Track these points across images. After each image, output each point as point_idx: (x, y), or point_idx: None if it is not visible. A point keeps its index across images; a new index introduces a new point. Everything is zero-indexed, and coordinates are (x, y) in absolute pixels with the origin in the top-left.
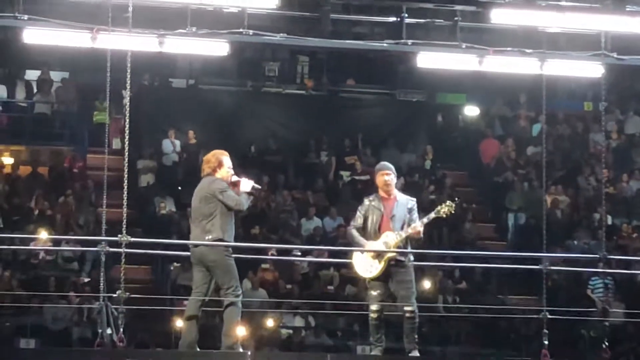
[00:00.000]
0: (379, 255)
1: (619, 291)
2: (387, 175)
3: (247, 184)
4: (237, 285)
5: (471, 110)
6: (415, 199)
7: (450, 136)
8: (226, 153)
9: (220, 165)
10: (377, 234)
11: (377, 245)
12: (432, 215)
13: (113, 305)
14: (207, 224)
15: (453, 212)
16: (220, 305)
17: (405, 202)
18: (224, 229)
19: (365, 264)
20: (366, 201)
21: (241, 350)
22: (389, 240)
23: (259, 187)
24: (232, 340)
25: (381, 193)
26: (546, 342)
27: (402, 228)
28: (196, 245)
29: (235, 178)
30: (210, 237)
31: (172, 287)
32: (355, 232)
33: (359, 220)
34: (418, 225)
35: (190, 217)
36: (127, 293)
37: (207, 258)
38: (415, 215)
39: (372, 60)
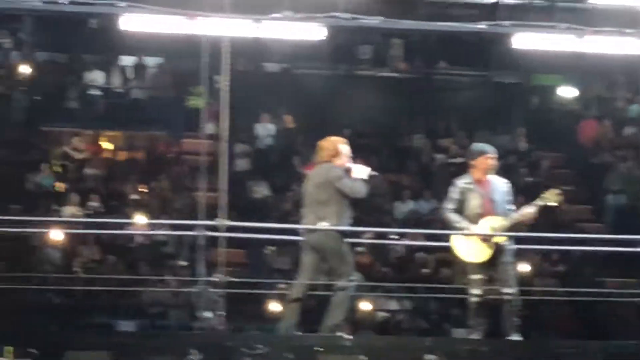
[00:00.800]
0: (485, 239)
1: None
2: (492, 159)
3: (362, 171)
4: (351, 272)
5: (567, 92)
6: (507, 181)
7: (546, 118)
8: (344, 140)
9: (338, 154)
10: (478, 217)
11: (484, 229)
12: (539, 202)
13: (212, 289)
14: (322, 210)
15: (558, 201)
16: (322, 289)
17: (501, 185)
18: (340, 216)
19: (470, 248)
20: (460, 183)
21: (342, 334)
22: (494, 224)
23: (376, 174)
24: (334, 321)
25: (476, 175)
26: None
27: (503, 212)
28: (312, 232)
29: (351, 165)
30: (324, 223)
31: (268, 271)
32: (454, 215)
33: (455, 203)
34: (531, 211)
35: (289, 203)
36: (227, 276)
37: (323, 245)
38: (509, 197)
39: (465, 42)
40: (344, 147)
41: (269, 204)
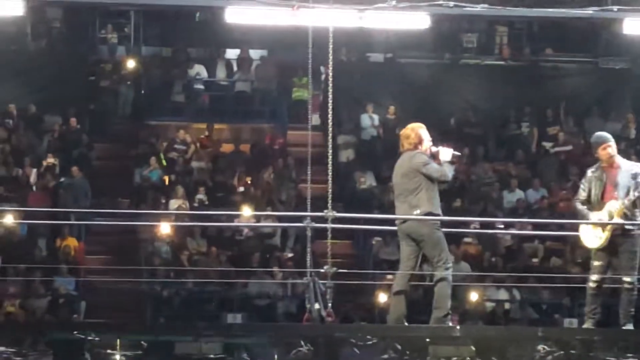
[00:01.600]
0: (601, 224)
1: None
2: (609, 147)
3: (447, 153)
4: (447, 258)
5: None
6: (639, 164)
7: None
8: (423, 126)
9: (421, 141)
10: (600, 203)
11: (601, 214)
12: None
13: (320, 281)
14: (414, 198)
15: None
16: (426, 279)
17: (629, 168)
18: (432, 201)
19: (590, 235)
20: (588, 172)
21: (451, 324)
22: (612, 208)
23: (459, 154)
24: (443, 312)
25: (603, 163)
26: None
27: (626, 195)
28: (404, 221)
29: (434, 149)
30: (419, 211)
31: (374, 262)
32: (579, 205)
33: (582, 193)
34: None
35: (393, 193)
36: (335, 268)
37: (417, 232)
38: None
39: (572, 28)
40: (425, 133)
41: (375, 194)
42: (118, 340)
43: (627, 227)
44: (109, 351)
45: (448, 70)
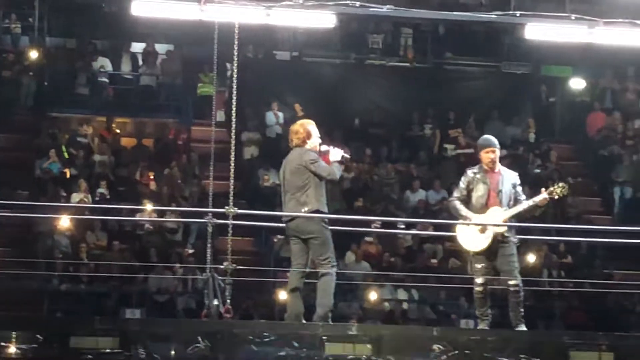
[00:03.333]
0: (485, 230)
1: None
2: (492, 152)
3: (336, 153)
4: (332, 257)
5: (577, 83)
6: (517, 174)
7: (556, 109)
8: (312, 122)
9: (309, 136)
10: (483, 208)
11: (485, 219)
12: (546, 195)
13: (219, 277)
14: (302, 195)
15: (566, 194)
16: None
17: (510, 177)
18: (319, 199)
19: (470, 237)
20: (470, 173)
21: (331, 322)
22: (497, 215)
23: (348, 156)
24: (325, 310)
25: (485, 167)
26: None
27: (508, 204)
28: (292, 218)
29: (324, 147)
30: (306, 208)
31: (275, 260)
32: (459, 204)
33: (462, 192)
34: (536, 202)
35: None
36: (234, 265)
37: (305, 230)
38: (519, 189)
39: (476, 32)
40: (314, 129)
41: (279, 191)
42: (13, 333)
43: (506, 233)
44: (3, 344)
45: (354, 70)
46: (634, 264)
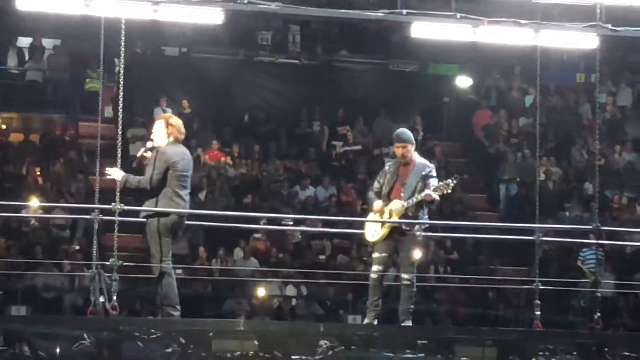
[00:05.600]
0: (382, 220)
1: (609, 262)
2: (402, 147)
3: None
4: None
5: (464, 81)
6: (433, 165)
7: (442, 107)
8: (168, 117)
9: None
10: (386, 199)
11: (380, 213)
12: (429, 192)
13: (105, 273)
14: None
15: (450, 191)
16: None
17: (421, 168)
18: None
19: (370, 228)
20: (385, 165)
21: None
22: (394, 208)
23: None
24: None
25: (400, 159)
26: (538, 313)
27: (411, 196)
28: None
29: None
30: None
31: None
32: (370, 195)
33: (375, 184)
34: (431, 193)
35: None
36: (120, 261)
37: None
38: (432, 180)
39: (365, 30)
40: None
41: None
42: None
43: (405, 227)
44: None
45: (243, 66)
46: (517, 260)
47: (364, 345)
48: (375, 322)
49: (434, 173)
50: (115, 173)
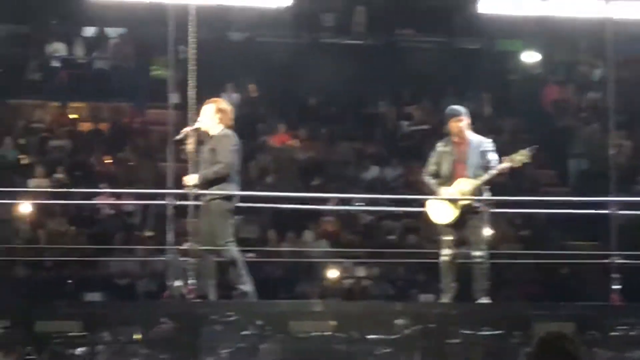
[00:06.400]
0: (452, 202)
1: None
2: (460, 121)
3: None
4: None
5: (530, 57)
6: (490, 140)
7: (510, 83)
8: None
9: None
10: (450, 180)
11: (451, 191)
12: (507, 164)
13: (181, 258)
14: None
15: (527, 161)
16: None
17: (478, 144)
18: None
19: (439, 210)
20: (438, 147)
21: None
22: (463, 187)
23: None
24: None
25: (454, 138)
26: (616, 287)
27: (476, 173)
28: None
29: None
30: None
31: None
32: (428, 179)
33: (431, 167)
34: (499, 169)
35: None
36: (196, 245)
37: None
38: (491, 156)
39: (429, 8)
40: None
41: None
42: None
43: (474, 204)
44: None
45: (307, 49)
46: (590, 235)
47: (440, 323)
48: None
49: (491, 147)
50: (192, 179)
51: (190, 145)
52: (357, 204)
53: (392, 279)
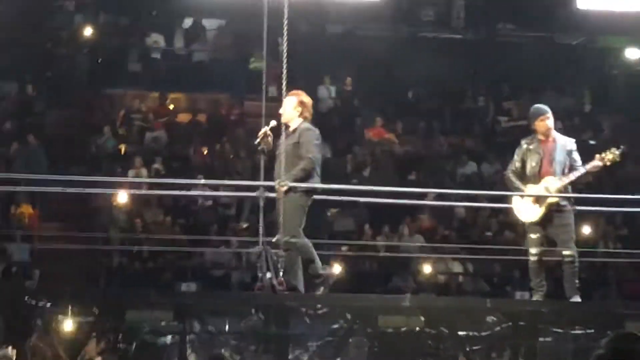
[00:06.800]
0: (539, 199)
1: None
2: (547, 119)
3: None
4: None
5: (633, 53)
6: (574, 140)
7: (611, 79)
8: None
9: None
10: (537, 178)
11: (538, 189)
12: (598, 162)
13: (272, 250)
14: None
15: (618, 160)
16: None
17: (564, 144)
18: None
19: (525, 208)
20: (524, 144)
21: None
22: (550, 185)
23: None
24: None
25: (539, 136)
26: None
27: (563, 172)
28: None
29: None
30: None
31: (330, 233)
32: (513, 176)
33: (516, 164)
34: (593, 164)
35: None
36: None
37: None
38: (575, 155)
39: (530, 2)
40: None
41: (330, 165)
42: (70, 306)
43: (561, 202)
44: (60, 317)
45: (406, 43)
46: None
47: (531, 321)
48: None
49: (575, 147)
50: (284, 184)
51: (267, 146)
52: (453, 199)
53: (487, 276)
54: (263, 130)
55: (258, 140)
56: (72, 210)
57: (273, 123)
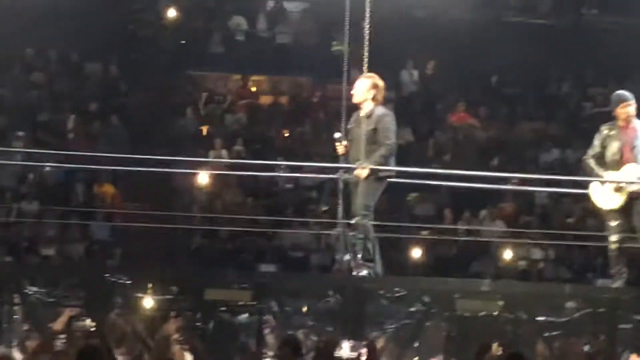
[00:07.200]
0: (620, 186)
1: None
2: (629, 106)
3: None
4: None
5: None
6: None
7: None
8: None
9: None
10: (618, 164)
11: (619, 176)
12: None
13: (351, 233)
14: None
15: None
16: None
17: None
18: None
19: (604, 195)
20: (604, 130)
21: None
22: (631, 172)
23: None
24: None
25: (620, 122)
26: None
27: None
28: None
29: None
30: None
31: (410, 216)
32: (592, 162)
33: (596, 149)
34: None
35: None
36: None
37: None
38: None
39: None
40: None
41: (412, 149)
42: (149, 284)
43: None
44: (139, 295)
45: (491, 28)
46: None
47: (611, 308)
48: None
49: None
50: (363, 172)
51: (342, 147)
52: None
53: (568, 262)
54: (339, 147)
55: (337, 136)
56: (153, 190)
57: (337, 135)
